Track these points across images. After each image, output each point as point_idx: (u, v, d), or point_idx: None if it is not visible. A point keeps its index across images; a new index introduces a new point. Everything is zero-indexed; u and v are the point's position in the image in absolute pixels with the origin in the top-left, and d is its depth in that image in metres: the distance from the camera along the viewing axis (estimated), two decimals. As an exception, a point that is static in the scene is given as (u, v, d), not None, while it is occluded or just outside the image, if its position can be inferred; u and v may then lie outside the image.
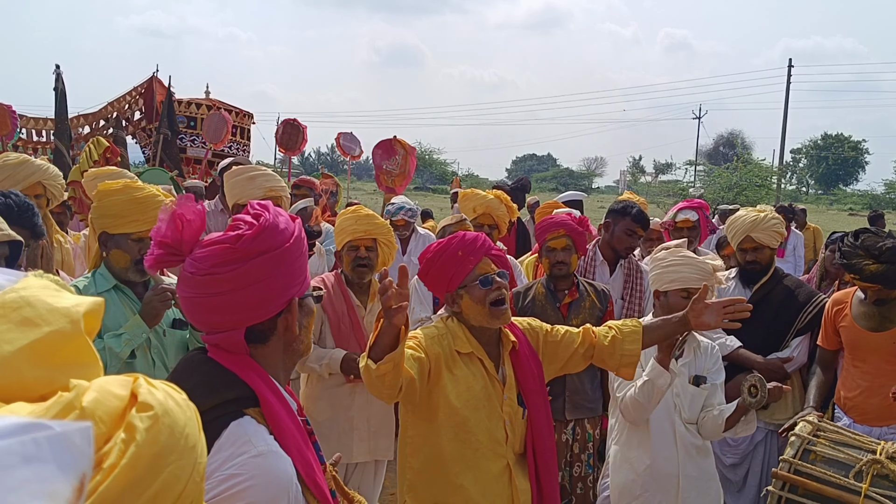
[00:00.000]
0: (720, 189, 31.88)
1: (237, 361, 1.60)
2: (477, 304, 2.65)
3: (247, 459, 1.45)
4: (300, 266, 1.67)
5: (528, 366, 2.79)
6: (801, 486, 3.05)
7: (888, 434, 3.49)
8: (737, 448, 4.29)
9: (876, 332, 3.60)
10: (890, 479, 2.92)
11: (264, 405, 1.55)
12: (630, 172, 51.95)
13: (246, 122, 14.84)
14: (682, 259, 3.30)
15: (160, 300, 2.95)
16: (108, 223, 3.02)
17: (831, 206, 46.28)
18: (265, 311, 1.62)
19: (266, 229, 1.59)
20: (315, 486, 1.57)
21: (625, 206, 4.69)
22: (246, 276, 1.56)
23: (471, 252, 2.69)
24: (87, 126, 13.97)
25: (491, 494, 2.68)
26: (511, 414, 2.74)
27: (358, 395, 3.89)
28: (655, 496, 3.24)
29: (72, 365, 0.74)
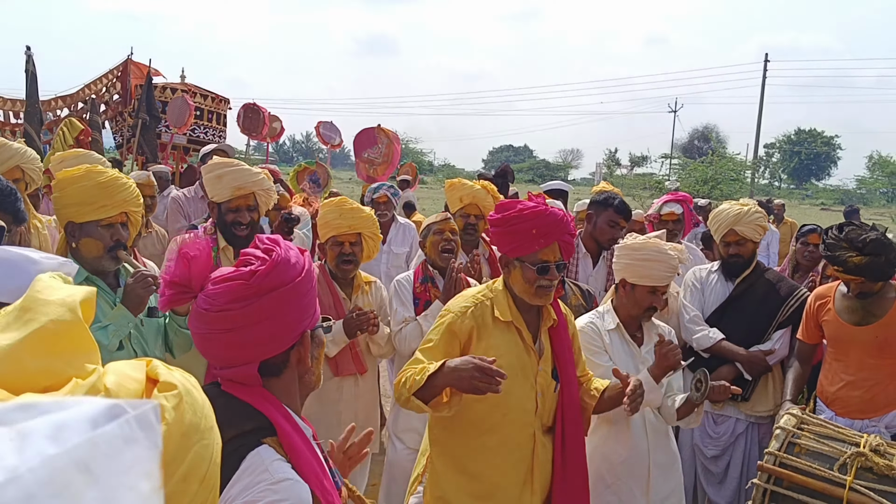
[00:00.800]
0: (695, 183, 32.18)
1: (252, 393, 1.62)
2: (525, 283, 2.75)
3: (265, 486, 1.47)
4: (311, 298, 1.68)
5: (566, 342, 2.89)
6: (786, 479, 3.07)
7: (869, 427, 3.53)
8: (718, 440, 4.32)
9: (859, 327, 3.63)
10: (874, 472, 2.94)
11: (281, 435, 1.57)
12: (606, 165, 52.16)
13: (222, 108, 14.64)
14: (655, 255, 3.27)
15: (143, 286, 2.88)
16: (74, 212, 2.92)
17: (803, 200, 46.90)
18: (278, 346, 1.64)
19: (279, 265, 1.61)
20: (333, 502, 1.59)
21: (607, 198, 4.69)
22: (259, 312, 1.58)
23: (544, 234, 2.71)
24: (66, 108, 13.72)
25: (512, 459, 2.77)
26: (544, 386, 2.82)
27: (346, 390, 3.87)
28: (627, 484, 3.26)
29: (73, 354, 0.73)
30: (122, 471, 0.46)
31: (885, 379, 3.59)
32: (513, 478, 2.79)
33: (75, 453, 0.43)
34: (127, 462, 0.46)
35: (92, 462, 0.44)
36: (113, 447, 0.46)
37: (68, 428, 0.44)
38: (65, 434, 0.43)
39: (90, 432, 0.45)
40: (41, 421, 0.44)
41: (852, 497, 2.90)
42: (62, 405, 0.47)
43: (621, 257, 3.38)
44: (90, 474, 0.43)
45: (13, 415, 0.44)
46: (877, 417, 3.60)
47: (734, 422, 4.28)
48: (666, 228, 5.28)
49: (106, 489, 0.44)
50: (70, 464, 0.42)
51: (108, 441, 0.46)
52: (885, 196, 51.84)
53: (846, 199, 47.42)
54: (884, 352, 3.57)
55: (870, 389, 3.59)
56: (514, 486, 2.79)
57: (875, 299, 3.62)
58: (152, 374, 0.76)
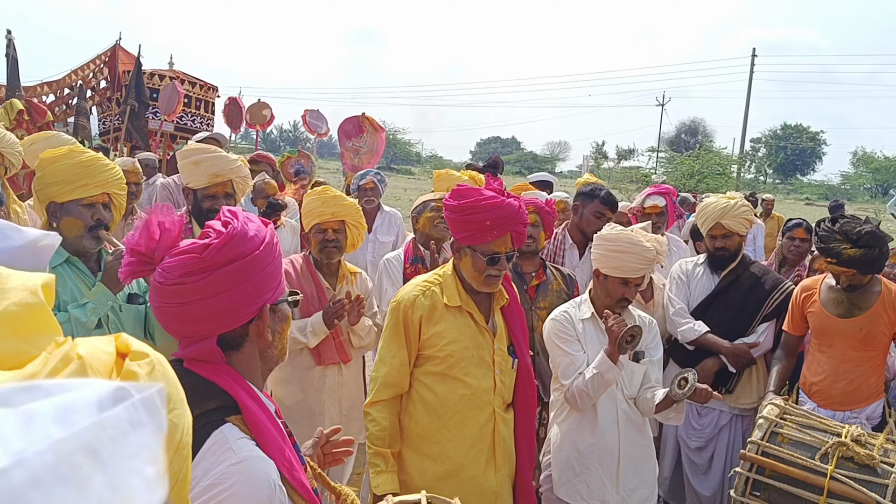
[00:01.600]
0: (681, 176, 32.32)
1: (215, 371, 1.60)
2: (475, 271, 2.82)
3: (228, 467, 1.45)
4: (272, 272, 1.64)
5: (519, 318, 2.99)
6: (768, 468, 3.11)
7: (850, 418, 3.58)
8: (702, 432, 4.36)
9: (844, 319, 3.67)
10: (855, 462, 2.99)
11: (245, 412, 1.55)
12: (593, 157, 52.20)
13: (210, 96, 14.51)
14: (628, 247, 3.25)
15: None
16: (55, 191, 2.90)
17: (788, 195, 47.11)
18: (235, 320, 1.61)
19: (234, 238, 1.57)
20: (301, 485, 1.58)
21: (593, 189, 4.70)
22: (214, 286, 1.55)
23: (498, 226, 2.76)
24: (51, 94, 13.57)
25: (473, 439, 2.86)
26: (502, 364, 2.91)
27: (328, 378, 3.87)
28: (596, 473, 3.27)
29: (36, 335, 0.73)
30: (129, 455, 0.46)
31: (867, 371, 3.64)
32: (475, 457, 2.88)
33: (83, 437, 0.43)
34: (133, 446, 0.46)
35: (99, 446, 0.43)
36: (120, 431, 0.46)
37: (75, 411, 0.44)
38: (72, 417, 0.43)
39: (97, 415, 0.45)
40: (46, 403, 0.43)
41: (833, 486, 2.95)
42: (66, 387, 0.47)
43: (596, 247, 3.39)
44: (98, 458, 0.43)
45: (17, 396, 0.44)
46: (858, 409, 3.65)
47: (718, 414, 4.32)
48: (649, 221, 5.31)
49: (113, 473, 0.43)
50: (78, 447, 0.42)
51: (115, 425, 0.45)
52: (868, 192, 52.27)
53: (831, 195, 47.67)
54: (867, 344, 3.62)
55: (852, 381, 3.64)
56: (476, 465, 2.87)
57: (861, 292, 3.66)
58: (122, 348, 0.76)
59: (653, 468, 3.45)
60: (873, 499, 2.87)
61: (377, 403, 2.89)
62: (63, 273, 2.86)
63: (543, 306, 3.97)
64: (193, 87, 14.06)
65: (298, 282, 3.86)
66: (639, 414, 3.36)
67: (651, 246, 3.26)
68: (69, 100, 13.26)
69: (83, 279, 2.92)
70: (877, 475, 2.94)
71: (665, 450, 4.54)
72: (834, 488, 2.95)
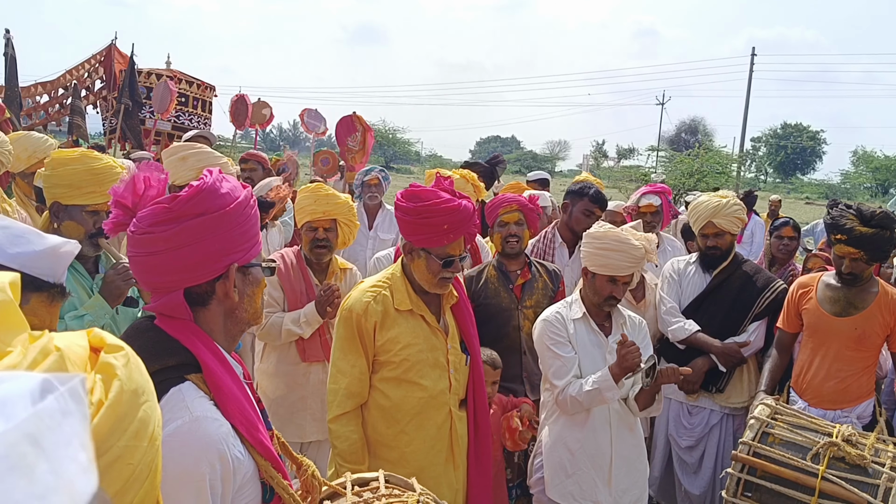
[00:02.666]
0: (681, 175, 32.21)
1: (181, 328, 1.61)
2: (429, 273, 2.81)
3: (180, 425, 1.46)
4: (242, 232, 1.65)
5: (468, 314, 3.01)
6: (759, 468, 3.10)
7: (841, 417, 3.56)
8: (692, 431, 4.35)
9: (840, 318, 3.65)
10: (846, 462, 2.98)
11: (206, 371, 1.56)
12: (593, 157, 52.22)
13: (207, 95, 14.53)
14: (615, 245, 3.23)
15: (123, 279, 2.87)
16: (62, 193, 2.92)
17: (788, 194, 47.05)
18: (201, 274, 1.62)
19: (202, 192, 1.59)
20: (260, 444, 1.58)
21: (582, 187, 4.70)
22: (179, 237, 1.56)
23: (454, 229, 2.76)
24: (46, 94, 13.60)
25: (431, 440, 2.87)
26: (456, 362, 2.92)
27: (313, 375, 3.88)
28: (588, 474, 3.26)
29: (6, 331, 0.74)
30: (65, 443, 0.47)
31: (859, 371, 3.63)
32: (434, 457, 2.88)
33: (24, 427, 0.44)
34: (67, 434, 0.48)
35: (39, 436, 0.45)
36: (54, 420, 0.47)
37: (11, 403, 0.45)
38: (9, 409, 0.45)
39: (32, 407, 0.46)
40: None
41: (824, 486, 2.93)
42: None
43: (585, 245, 3.37)
44: (39, 447, 0.44)
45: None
46: (849, 408, 3.63)
47: (708, 413, 4.31)
48: (644, 220, 5.30)
49: (54, 461, 0.45)
50: (21, 438, 0.43)
51: (50, 415, 0.47)
52: (868, 191, 52.22)
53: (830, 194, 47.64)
54: (861, 344, 3.60)
55: (844, 380, 3.63)
56: (436, 466, 2.88)
57: (858, 291, 3.64)
58: (95, 342, 0.78)
59: (644, 469, 3.45)
60: (864, 499, 2.86)
61: (342, 417, 2.84)
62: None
63: (530, 305, 3.95)
64: (191, 86, 14.07)
65: (288, 277, 3.87)
66: (630, 414, 3.34)
67: (640, 244, 3.23)
68: (63, 100, 13.27)
69: (81, 282, 2.93)
70: (868, 475, 2.93)
71: (655, 449, 4.53)
72: (825, 489, 2.93)
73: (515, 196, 4.25)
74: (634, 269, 3.26)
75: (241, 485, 1.55)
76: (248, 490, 1.58)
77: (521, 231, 4.05)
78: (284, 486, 1.63)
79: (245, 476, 1.56)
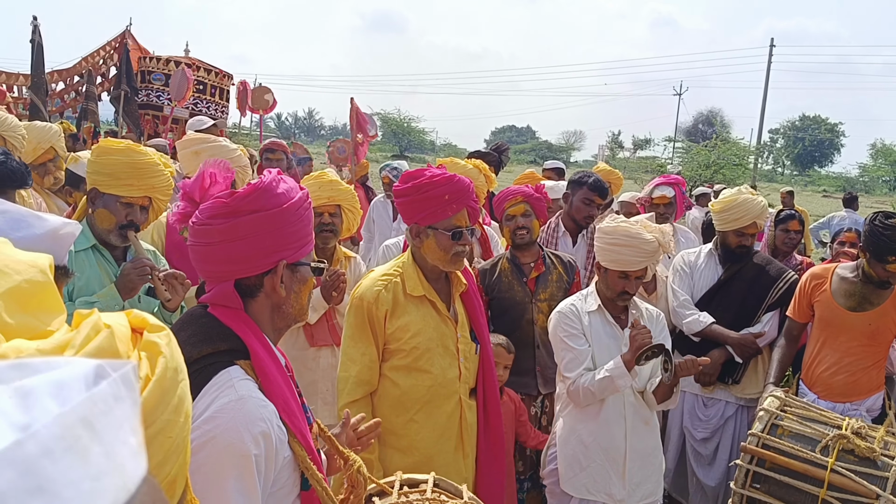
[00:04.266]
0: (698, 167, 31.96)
1: (233, 317, 1.69)
2: (441, 251, 2.80)
3: (227, 403, 1.53)
4: (294, 231, 1.73)
5: (477, 302, 3.01)
6: (768, 460, 3.11)
7: (851, 410, 3.55)
8: (707, 423, 4.35)
9: (854, 312, 3.63)
10: (855, 454, 2.98)
11: (254, 358, 1.64)
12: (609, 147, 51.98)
13: (225, 83, 14.55)
14: (625, 240, 3.19)
15: (138, 274, 2.90)
16: (101, 181, 2.96)
17: (806, 186, 46.61)
18: (251, 267, 1.70)
19: (258, 190, 1.68)
20: (301, 434, 1.66)
21: (581, 176, 4.70)
22: (234, 231, 1.66)
23: (456, 199, 2.77)
24: (62, 82, 13.66)
25: (441, 429, 2.87)
26: (466, 351, 2.93)
27: (322, 359, 3.91)
28: (602, 467, 3.25)
29: (46, 311, 0.78)
30: (116, 426, 0.49)
31: (869, 365, 3.61)
32: (444, 446, 2.88)
33: (79, 411, 0.46)
34: (119, 419, 0.50)
35: (93, 419, 0.47)
36: (107, 405, 0.49)
37: (67, 387, 0.47)
38: (65, 393, 0.47)
39: (86, 392, 0.48)
40: (38, 380, 0.47)
41: (833, 478, 2.94)
42: (52, 365, 0.50)
43: (597, 240, 3.35)
44: (93, 430, 0.46)
45: (7, 373, 0.47)
46: (859, 401, 3.62)
47: (724, 405, 4.31)
48: (657, 212, 5.30)
49: (107, 444, 0.47)
50: (77, 420, 0.45)
51: (103, 399, 0.49)
52: (887, 184, 51.62)
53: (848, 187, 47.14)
54: (873, 339, 3.59)
55: (854, 374, 3.61)
56: (446, 454, 2.88)
57: (875, 288, 3.62)
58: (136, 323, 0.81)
59: (660, 464, 3.44)
60: (874, 491, 2.86)
61: (352, 405, 2.84)
62: (85, 258, 2.91)
63: (544, 298, 3.95)
64: (209, 74, 14.10)
65: None
66: (646, 407, 3.34)
67: (652, 238, 3.20)
68: (79, 87, 13.34)
69: (105, 267, 2.97)
70: (877, 468, 2.93)
71: (669, 441, 4.52)
72: (834, 481, 2.94)
73: (520, 188, 4.25)
74: (646, 263, 3.23)
75: (280, 467, 1.61)
76: (286, 476, 1.65)
77: (530, 222, 4.04)
78: (319, 478, 1.68)
79: (285, 459, 1.63)
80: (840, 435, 3.02)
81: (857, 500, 2.90)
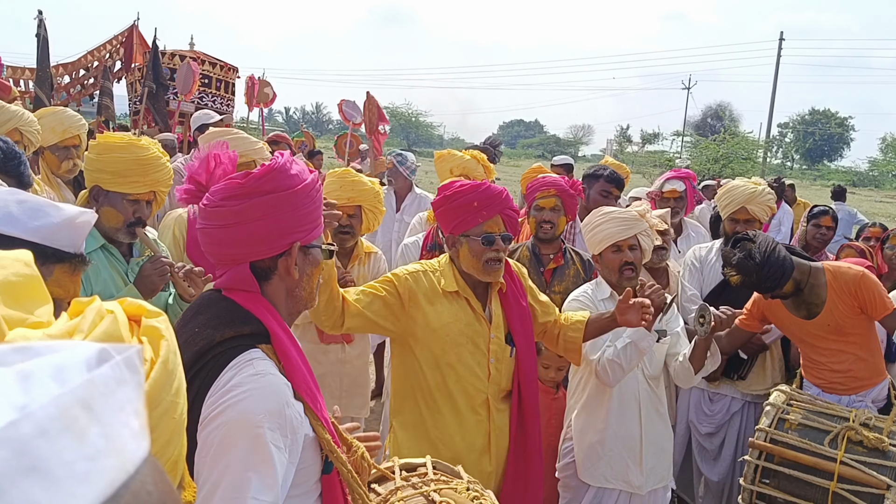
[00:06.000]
0: (706, 161, 31.94)
1: (252, 300, 1.70)
2: (473, 258, 2.77)
3: (246, 377, 1.54)
4: (307, 213, 1.73)
5: (517, 306, 2.91)
6: (777, 455, 3.09)
7: (856, 402, 3.48)
8: (713, 417, 4.34)
9: (810, 320, 3.54)
10: (864, 445, 2.97)
11: (276, 342, 1.65)
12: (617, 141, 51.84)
13: (231, 77, 14.53)
14: (601, 217, 3.32)
15: (158, 274, 2.87)
16: (105, 179, 2.91)
17: (815, 181, 46.50)
18: (266, 249, 1.70)
19: (273, 171, 1.68)
20: (322, 416, 1.67)
21: (597, 169, 4.74)
22: (249, 212, 1.66)
23: (486, 206, 2.76)
24: (67, 76, 13.67)
25: (468, 426, 2.82)
26: (498, 352, 2.86)
27: (330, 355, 3.92)
28: (620, 456, 3.27)
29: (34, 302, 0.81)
30: (117, 409, 0.49)
31: (860, 355, 3.52)
32: (471, 444, 2.82)
33: (78, 393, 0.46)
34: (120, 401, 0.50)
35: (92, 401, 0.47)
36: (108, 388, 0.49)
37: (68, 370, 0.47)
38: (65, 375, 0.47)
39: (87, 374, 0.48)
40: (39, 362, 0.47)
41: (843, 470, 2.93)
42: (54, 348, 0.50)
43: (584, 236, 3.43)
44: (92, 412, 0.47)
45: (10, 356, 0.47)
46: (863, 392, 3.54)
47: (729, 400, 4.29)
48: (667, 206, 5.26)
49: (106, 426, 0.47)
50: (75, 402, 0.46)
51: (104, 382, 0.49)
52: (896, 179, 51.42)
53: (858, 181, 47.06)
54: (843, 333, 3.49)
55: (847, 368, 3.53)
56: (472, 453, 2.81)
57: (808, 290, 3.50)
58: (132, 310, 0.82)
59: (670, 449, 3.48)
60: (884, 482, 2.84)
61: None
62: (97, 260, 2.82)
63: (558, 290, 3.95)
64: (214, 67, 14.09)
65: None
66: (658, 395, 3.37)
67: (632, 210, 3.31)
68: (84, 81, 13.37)
69: (116, 265, 2.93)
70: (887, 458, 2.92)
71: (676, 437, 4.48)
72: (844, 473, 2.92)
73: (556, 180, 4.22)
74: (632, 231, 3.29)
75: (303, 446, 1.61)
76: (309, 457, 1.65)
77: (557, 217, 4.05)
78: (343, 460, 1.68)
79: (306, 440, 1.62)
80: (848, 426, 3.01)
81: (868, 491, 2.89)
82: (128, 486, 0.48)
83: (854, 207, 12.26)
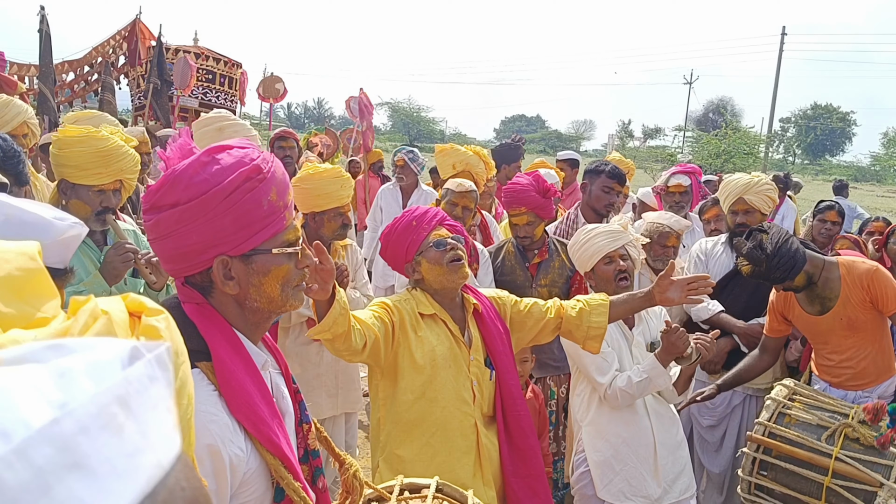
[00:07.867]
0: (708, 156, 31.93)
1: (199, 312, 1.54)
2: (435, 266, 2.75)
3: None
4: (233, 221, 1.49)
5: (494, 328, 2.83)
6: (774, 449, 3.12)
7: (862, 397, 3.50)
8: (714, 410, 4.35)
9: (822, 316, 3.56)
10: (860, 443, 2.99)
11: (215, 362, 1.48)
12: (619, 136, 51.78)
13: (234, 72, 14.56)
14: (591, 233, 3.36)
15: (122, 260, 2.89)
16: (69, 173, 2.94)
17: (817, 176, 46.37)
18: (188, 266, 1.54)
19: (170, 180, 1.48)
20: (269, 441, 1.50)
21: (598, 165, 4.72)
22: (159, 228, 1.50)
23: (424, 222, 2.80)
24: (72, 72, 13.69)
25: (457, 452, 2.74)
26: (478, 375, 2.80)
27: (326, 353, 3.92)
28: (635, 467, 3.23)
29: (39, 297, 0.78)
30: (151, 406, 0.50)
31: (870, 352, 3.54)
32: (461, 470, 2.72)
33: (115, 390, 0.47)
34: (153, 399, 0.51)
35: (128, 398, 0.48)
36: (142, 385, 0.50)
37: (102, 367, 0.48)
38: (100, 373, 0.48)
39: (121, 371, 0.49)
40: (74, 360, 0.47)
41: (838, 466, 2.94)
42: (89, 345, 0.51)
43: (573, 256, 3.47)
44: (129, 409, 0.47)
45: (45, 353, 0.48)
46: (870, 388, 3.56)
47: (731, 393, 4.27)
48: (672, 200, 5.27)
49: (142, 423, 0.48)
50: (112, 399, 0.46)
51: (138, 379, 0.50)
52: (899, 173, 51.29)
53: (860, 176, 46.96)
54: (855, 329, 3.51)
55: (857, 364, 3.56)
56: (465, 478, 2.71)
57: (822, 284, 3.51)
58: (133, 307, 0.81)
59: (687, 455, 3.44)
60: (877, 480, 2.87)
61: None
62: None
63: (544, 284, 4.02)
64: (218, 63, 14.10)
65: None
66: (663, 401, 3.36)
67: (614, 224, 3.36)
68: (89, 77, 13.38)
69: (88, 253, 2.97)
70: (882, 456, 2.94)
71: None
72: (838, 469, 2.94)
73: (524, 194, 4.10)
74: (620, 242, 3.31)
75: (242, 481, 1.49)
76: (253, 487, 1.51)
77: (532, 230, 4.09)
78: (295, 487, 1.52)
79: (248, 473, 1.49)
80: (845, 423, 3.03)
81: (862, 487, 2.91)
82: (164, 483, 0.49)
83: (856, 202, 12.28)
